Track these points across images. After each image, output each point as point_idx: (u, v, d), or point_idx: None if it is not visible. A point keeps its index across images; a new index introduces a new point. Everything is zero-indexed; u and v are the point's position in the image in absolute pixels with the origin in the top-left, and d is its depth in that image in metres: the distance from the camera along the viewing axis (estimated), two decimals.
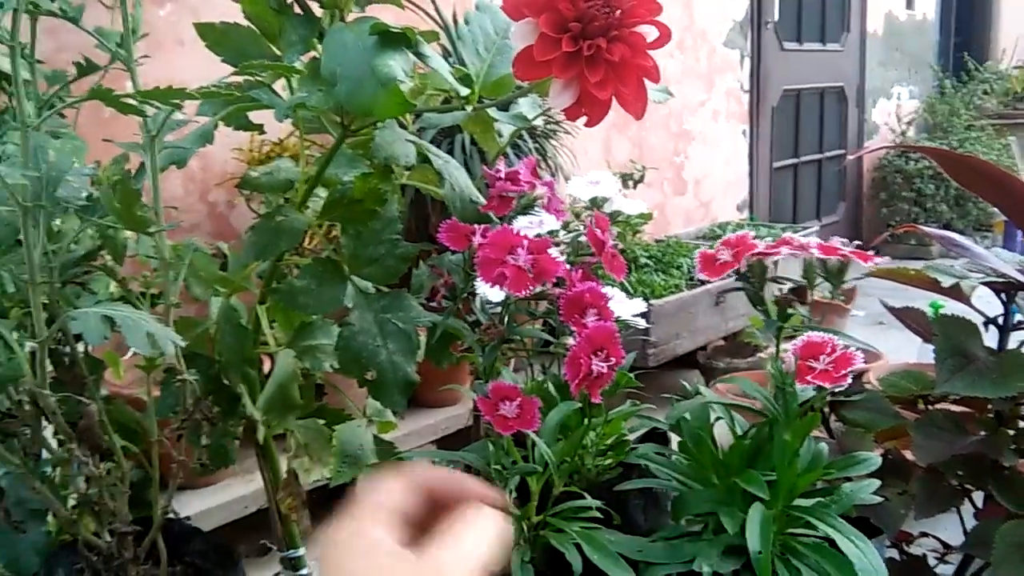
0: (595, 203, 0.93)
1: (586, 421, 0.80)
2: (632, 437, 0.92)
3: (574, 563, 0.73)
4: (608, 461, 0.90)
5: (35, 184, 0.65)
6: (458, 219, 0.78)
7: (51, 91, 0.66)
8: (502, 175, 0.73)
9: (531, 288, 0.67)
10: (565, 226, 0.86)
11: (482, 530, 0.38)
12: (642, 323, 0.84)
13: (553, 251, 0.79)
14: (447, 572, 0.35)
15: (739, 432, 0.85)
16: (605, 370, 0.65)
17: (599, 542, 0.75)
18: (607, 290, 0.83)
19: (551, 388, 0.90)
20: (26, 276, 0.64)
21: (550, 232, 0.82)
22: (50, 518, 0.85)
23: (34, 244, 0.63)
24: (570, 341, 0.69)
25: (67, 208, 0.67)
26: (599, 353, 0.65)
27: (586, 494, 0.81)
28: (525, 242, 0.67)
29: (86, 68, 0.66)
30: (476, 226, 0.73)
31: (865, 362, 1.71)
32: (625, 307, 0.84)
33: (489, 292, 0.73)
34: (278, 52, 0.77)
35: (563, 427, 0.85)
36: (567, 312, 0.69)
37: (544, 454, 0.77)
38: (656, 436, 0.96)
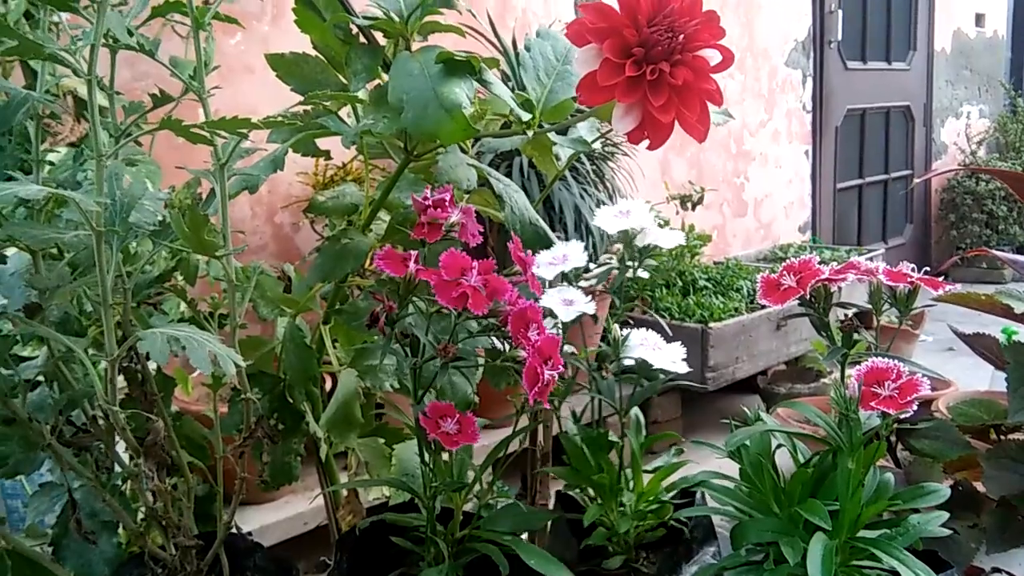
0: (626, 237, 0.82)
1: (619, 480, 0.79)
2: (668, 497, 0.87)
3: None
4: (649, 521, 0.86)
5: (109, 210, 0.68)
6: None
7: (128, 120, 0.69)
8: (430, 203, 0.72)
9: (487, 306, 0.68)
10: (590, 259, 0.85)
11: None
12: (684, 369, 0.80)
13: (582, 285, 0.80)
14: None
15: (801, 460, 0.84)
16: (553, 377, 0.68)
17: None
18: (647, 335, 0.83)
19: (579, 439, 0.88)
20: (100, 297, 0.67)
21: (576, 268, 0.80)
22: (120, 531, 0.88)
23: (107, 267, 0.65)
24: (521, 354, 0.70)
25: (139, 232, 0.70)
26: (547, 363, 0.68)
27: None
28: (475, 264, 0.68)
29: (161, 99, 0.69)
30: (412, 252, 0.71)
31: (933, 389, 1.65)
32: (661, 356, 0.80)
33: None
34: (345, 81, 0.79)
35: (597, 486, 0.84)
36: (515, 327, 0.70)
37: None
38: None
